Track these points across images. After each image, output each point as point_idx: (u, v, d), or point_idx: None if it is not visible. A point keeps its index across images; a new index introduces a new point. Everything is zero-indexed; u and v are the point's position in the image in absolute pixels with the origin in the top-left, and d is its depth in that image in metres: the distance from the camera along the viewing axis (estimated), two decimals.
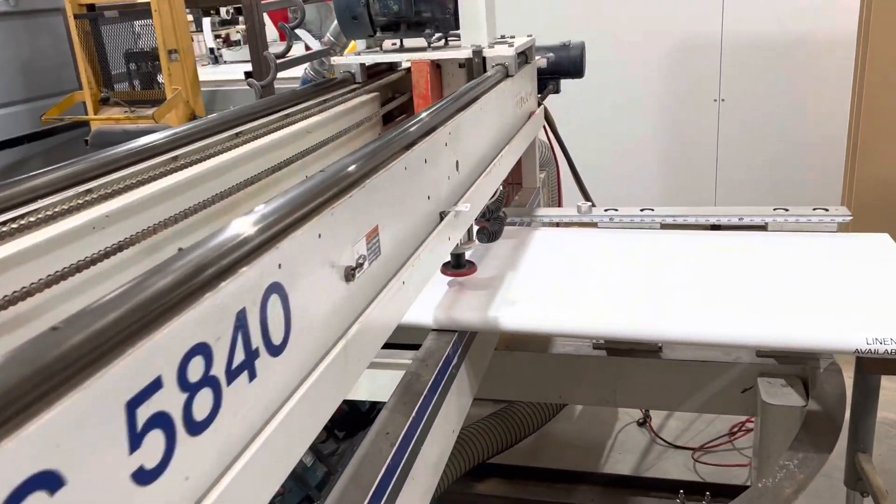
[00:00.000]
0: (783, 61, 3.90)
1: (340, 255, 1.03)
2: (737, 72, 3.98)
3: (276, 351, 0.85)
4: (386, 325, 1.14)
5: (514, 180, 2.87)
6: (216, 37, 7.71)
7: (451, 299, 1.74)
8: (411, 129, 1.38)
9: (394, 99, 2.47)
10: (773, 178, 4.05)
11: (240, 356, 0.78)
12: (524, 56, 2.52)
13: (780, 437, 1.98)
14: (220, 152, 1.57)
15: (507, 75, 2.25)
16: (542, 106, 2.74)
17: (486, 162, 1.87)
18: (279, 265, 0.86)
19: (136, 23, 4.06)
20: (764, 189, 4.06)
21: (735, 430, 2.90)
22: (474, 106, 1.80)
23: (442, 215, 1.50)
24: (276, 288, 0.85)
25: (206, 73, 5.76)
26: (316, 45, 5.63)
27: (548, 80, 2.91)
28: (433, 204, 1.46)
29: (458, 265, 1.80)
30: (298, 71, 4.77)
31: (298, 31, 5.98)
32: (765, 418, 2.00)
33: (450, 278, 1.81)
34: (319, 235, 0.97)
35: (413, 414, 1.36)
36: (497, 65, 2.24)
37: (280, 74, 4.46)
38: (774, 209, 2.10)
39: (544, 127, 2.84)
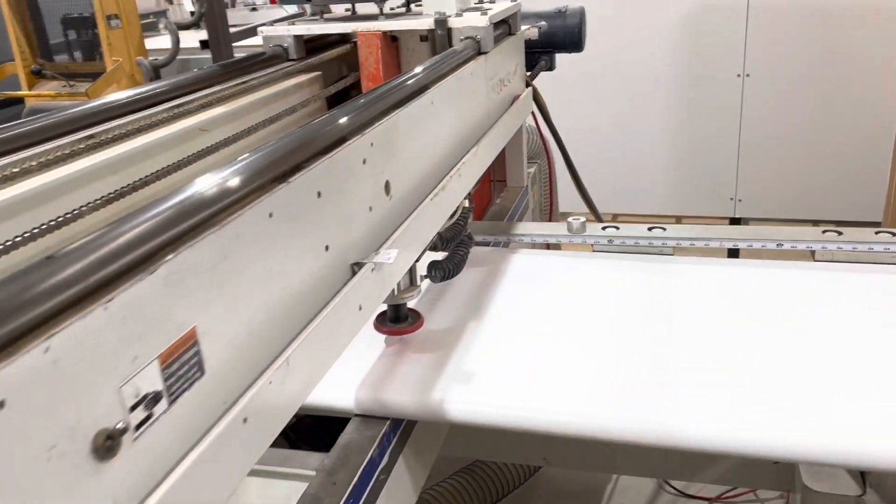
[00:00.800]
0: (820, 30, 3.34)
1: (80, 415, 0.55)
2: (765, 42, 3.42)
3: None
4: None
5: (498, 177, 2.38)
6: None
7: (384, 369, 1.26)
8: (290, 147, 0.89)
9: (346, 77, 1.98)
10: (805, 168, 3.51)
11: None
12: (506, 26, 2.02)
13: None
14: (43, 167, 1.10)
15: (480, 52, 1.74)
16: (530, 87, 2.23)
17: (441, 174, 1.38)
18: None
19: None
20: (794, 183, 3.53)
21: None
22: (421, 99, 1.30)
23: (355, 269, 1.01)
24: None
25: (187, 38, 5.23)
26: (293, 9, 5.09)
27: (539, 55, 2.40)
28: (336, 256, 0.97)
29: (396, 318, 1.32)
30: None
31: None
32: None
33: (387, 335, 1.33)
34: (2, 404, 0.49)
35: None
36: (466, 38, 1.74)
37: (244, 43, 3.94)
38: (824, 231, 1.60)
39: (533, 112, 2.33)
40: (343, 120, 1.01)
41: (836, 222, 4.11)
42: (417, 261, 1.27)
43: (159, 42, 4.44)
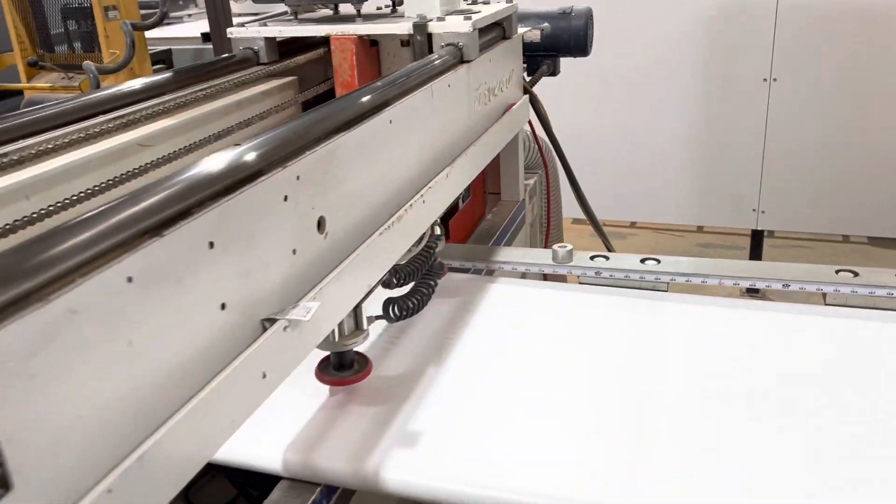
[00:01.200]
0: (852, 32, 3.12)
1: None
2: (794, 44, 3.21)
3: None
4: None
5: (492, 190, 2.22)
6: None
7: (320, 426, 1.12)
8: (170, 192, 0.74)
9: (321, 84, 1.84)
10: (834, 179, 3.29)
11: None
12: (500, 29, 1.86)
13: None
14: None
15: (462, 60, 1.59)
16: (527, 94, 2.07)
17: (400, 202, 1.23)
18: None
19: None
20: (821, 194, 3.31)
21: None
22: (375, 120, 1.15)
23: (266, 325, 0.87)
24: None
25: (191, 28, 5.13)
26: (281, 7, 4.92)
27: (542, 59, 2.24)
28: (236, 314, 0.82)
29: (340, 365, 1.18)
30: None
31: None
32: None
33: (330, 385, 1.19)
34: None
35: None
36: (447, 45, 1.58)
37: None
38: (837, 271, 1.43)
39: (530, 122, 2.17)
40: (252, 153, 0.87)
41: (866, 238, 3.88)
42: (363, 300, 1.13)
43: (168, 31, 4.35)
